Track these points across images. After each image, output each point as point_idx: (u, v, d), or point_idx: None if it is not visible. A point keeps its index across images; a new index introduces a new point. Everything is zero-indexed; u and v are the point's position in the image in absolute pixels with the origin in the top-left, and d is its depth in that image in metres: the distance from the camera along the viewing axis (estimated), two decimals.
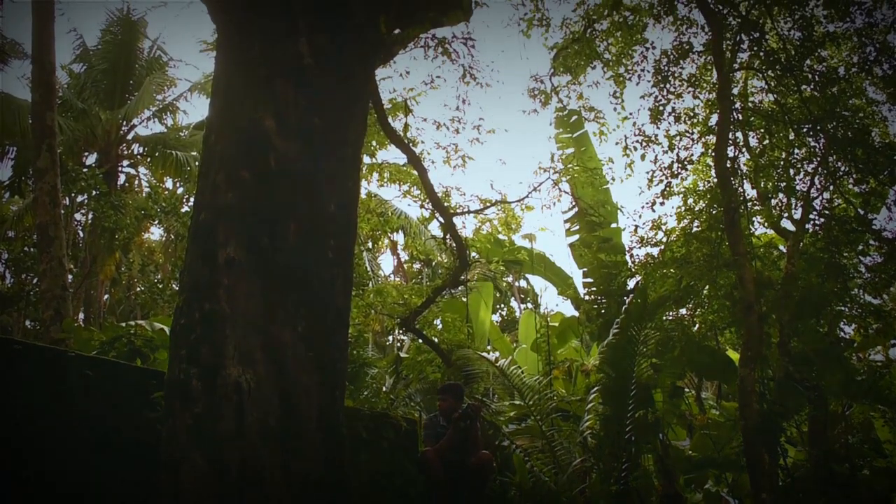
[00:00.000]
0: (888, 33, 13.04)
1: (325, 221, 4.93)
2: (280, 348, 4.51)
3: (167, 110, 26.73)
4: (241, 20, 5.31)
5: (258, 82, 5.06)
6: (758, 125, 13.63)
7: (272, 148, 4.85)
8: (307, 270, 4.75)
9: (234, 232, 4.67)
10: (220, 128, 5.17)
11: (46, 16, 16.16)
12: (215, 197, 4.89)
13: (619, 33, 13.39)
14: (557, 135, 18.37)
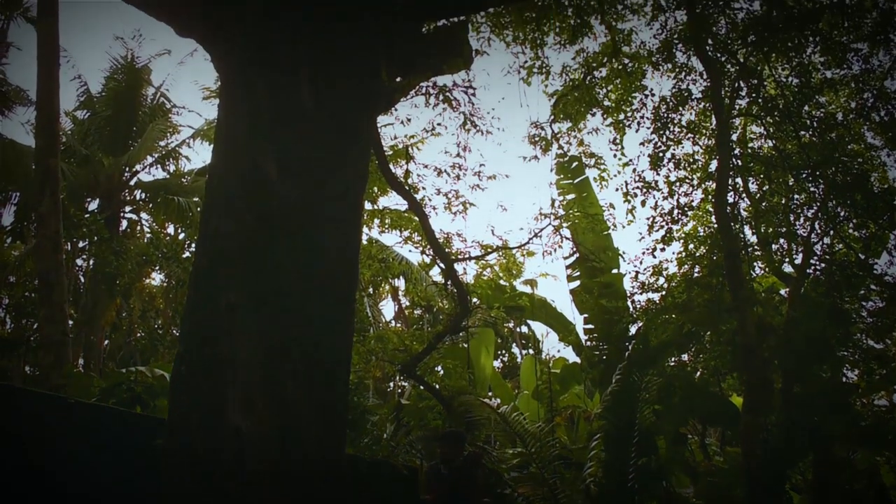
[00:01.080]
0: (885, 79, 13.16)
1: (327, 267, 4.94)
2: (281, 392, 4.49)
3: (170, 156, 26.89)
4: (245, 69, 5.36)
5: (261, 129, 5.10)
6: (757, 171, 13.69)
7: (274, 194, 4.88)
8: (308, 315, 4.75)
9: (235, 277, 4.68)
10: (222, 174, 5.21)
11: (51, 63, 16.32)
12: (217, 242, 4.91)
13: (619, 80, 13.50)
14: (558, 181, 18.44)
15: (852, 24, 12.51)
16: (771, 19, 12.00)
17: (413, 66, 6.94)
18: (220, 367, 4.47)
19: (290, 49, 5.31)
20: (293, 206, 4.91)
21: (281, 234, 4.83)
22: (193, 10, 5.68)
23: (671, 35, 12.85)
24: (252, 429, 4.33)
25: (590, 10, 12.30)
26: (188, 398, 4.52)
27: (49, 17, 16.64)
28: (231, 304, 4.60)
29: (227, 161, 5.23)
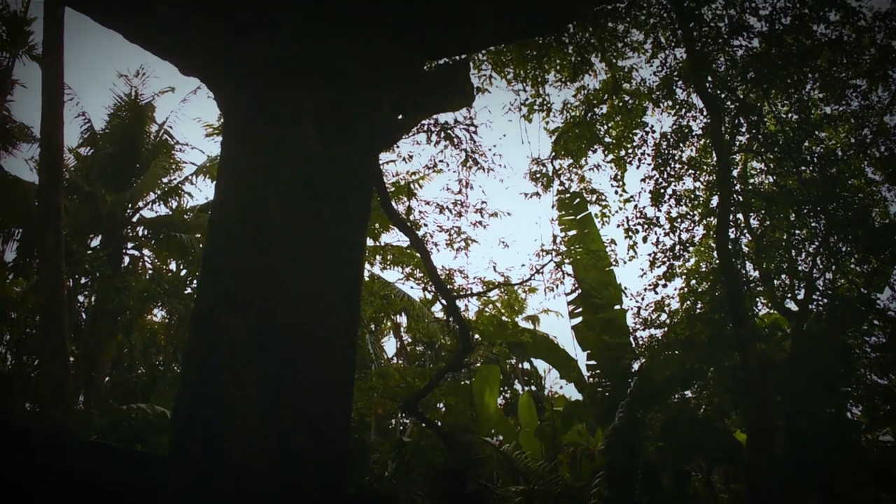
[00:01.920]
0: (885, 115, 13.23)
1: (329, 304, 4.94)
2: (282, 429, 4.47)
3: (172, 193, 26.98)
4: (247, 106, 5.40)
5: (263, 166, 5.13)
6: (758, 206, 13.71)
7: (276, 231, 4.89)
8: (310, 353, 4.74)
9: (236, 315, 4.68)
10: (224, 211, 5.22)
11: (56, 100, 16.46)
12: (219, 279, 4.92)
13: (619, 117, 13.56)
14: (560, 217, 18.46)
15: (851, 60, 12.61)
16: (770, 56, 12.09)
17: (415, 103, 6.98)
18: (222, 404, 4.46)
19: (292, 87, 5.35)
20: (295, 244, 4.91)
21: (283, 271, 4.83)
22: (198, 50, 5.73)
23: (671, 72, 12.93)
24: (253, 466, 4.31)
25: (590, 48, 12.40)
26: (189, 436, 4.50)
27: (54, 54, 16.80)
28: (232, 342, 4.60)
29: (229, 198, 5.25)
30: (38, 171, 16.87)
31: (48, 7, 17.05)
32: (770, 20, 12.13)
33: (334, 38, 5.52)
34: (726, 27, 12.23)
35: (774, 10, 12.08)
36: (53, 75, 16.58)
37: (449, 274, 13.57)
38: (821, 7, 12.02)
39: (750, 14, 12.21)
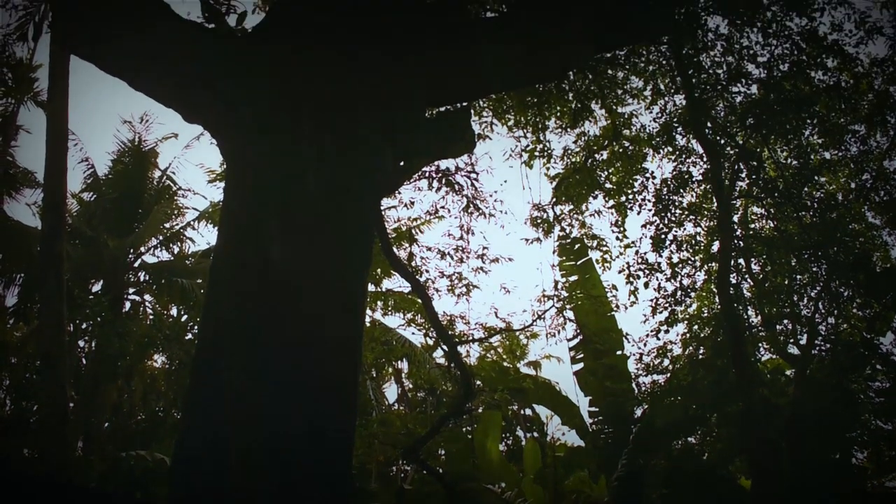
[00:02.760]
0: (884, 159, 13.29)
1: (330, 350, 4.93)
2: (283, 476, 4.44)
3: (174, 238, 27.01)
4: (250, 153, 5.43)
5: (265, 213, 5.14)
6: (759, 252, 13.72)
7: (278, 278, 4.89)
8: (311, 399, 4.72)
9: (237, 361, 4.67)
10: (226, 256, 5.24)
11: (60, 146, 16.54)
12: (220, 325, 4.92)
13: (620, 163, 13.63)
14: (561, 262, 18.47)
15: (849, 106, 12.71)
16: (768, 102, 12.19)
17: (417, 150, 7.02)
18: (222, 451, 4.43)
19: (295, 133, 5.39)
20: (297, 290, 4.92)
21: (284, 317, 4.83)
22: (201, 98, 5.79)
23: (671, 118, 13.03)
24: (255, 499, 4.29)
25: (590, 95, 12.51)
26: (189, 482, 4.47)
27: (59, 101, 16.93)
28: (233, 389, 4.58)
29: (231, 244, 5.26)
30: (41, 216, 16.93)
31: (54, 54, 17.22)
32: (768, 67, 12.25)
33: (337, 85, 5.57)
34: (725, 74, 12.34)
35: (772, 57, 12.21)
36: (58, 121, 16.69)
37: (450, 319, 13.57)
38: (818, 54, 12.14)
39: (748, 61, 12.33)
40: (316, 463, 4.62)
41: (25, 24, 19.58)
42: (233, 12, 11.82)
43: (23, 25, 19.48)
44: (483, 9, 10.52)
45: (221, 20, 9.92)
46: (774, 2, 12.02)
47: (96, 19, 5.79)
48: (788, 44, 12.11)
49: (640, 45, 11.89)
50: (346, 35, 5.75)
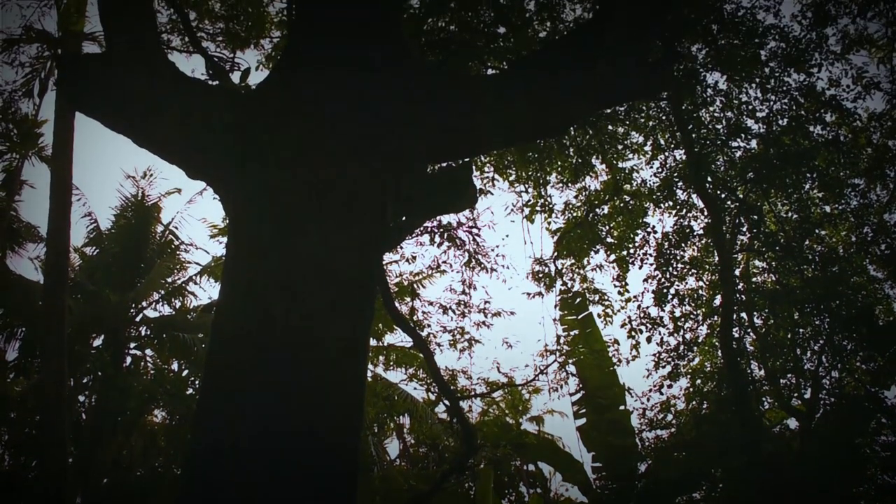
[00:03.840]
0: (884, 213, 13.34)
1: (332, 407, 4.90)
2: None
3: (176, 293, 27.01)
4: (252, 208, 5.46)
5: (268, 268, 5.15)
6: (761, 305, 13.72)
7: (280, 335, 4.88)
8: (312, 456, 4.68)
9: (238, 417, 4.64)
10: (228, 312, 5.23)
11: (63, 201, 16.68)
12: (221, 381, 4.89)
13: (621, 218, 13.69)
14: (562, 316, 18.44)
15: (848, 160, 12.80)
16: (768, 157, 12.28)
17: (418, 205, 7.05)
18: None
19: (296, 190, 5.41)
20: (299, 346, 4.90)
21: (286, 373, 4.81)
22: (204, 156, 5.83)
23: (671, 173, 13.12)
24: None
25: (591, 150, 12.61)
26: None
27: (63, 157, 17.11)
28: (234, 446, 4.54)
29: (233, 299, 5.26)
30: (44, 271, 16.99)
31: (59, 110, 17.44)
32: (767, 122, 12.39)
33: (339, 141, 5.61)
34: (724, 129, 12.46)
35: (771, 112, 12.35)
36: (62, 177, 16.84)
37: (452, 375, 13.54)
38: (817, 109, 12.28)
39: (747, 116, 12.47)
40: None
41: (31, 80, 19.88)
42: (236, 70, 12.02)
43: (29, 82, 19.78)
44: (484, 66, 10.67)
45: (225, 77, 10.06)
46: (772, 58, 12.19)
47: (101, 78, 5.86)
48: (787, 99, 12.26)
49: (639, 101, 12.03)
50: (348, 93, 5.82)
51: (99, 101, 5.91)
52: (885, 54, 13.27)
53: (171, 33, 12.90)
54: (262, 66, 12.51)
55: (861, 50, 13.15)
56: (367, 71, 5.92)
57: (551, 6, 11.38)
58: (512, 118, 5.98)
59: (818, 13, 12.46)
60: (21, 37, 17.49)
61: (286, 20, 11.48)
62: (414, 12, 10.83)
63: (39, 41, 18.70)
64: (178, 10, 11.54)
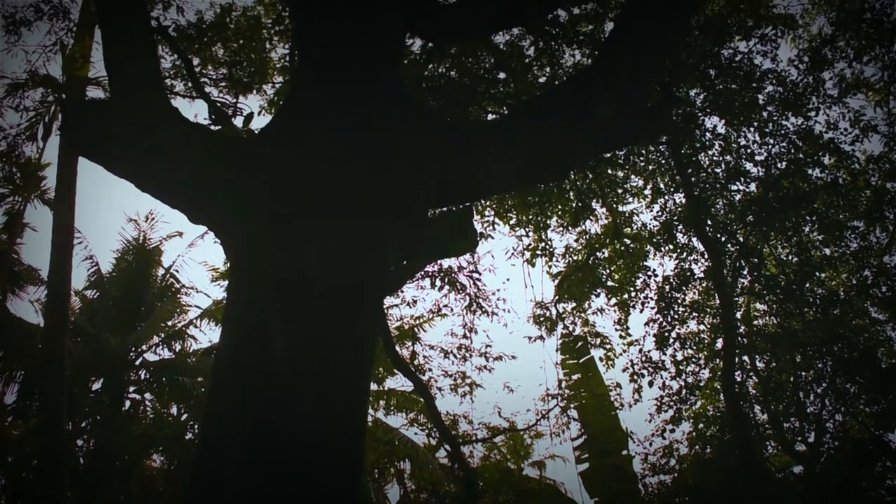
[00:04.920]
0: (884, 255, 13.35)
1: (333, 451, 4.87)
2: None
3: (176, 336, 26.94)
4: (253, 251, 5.47)
5: (269, 313, 5.15)
6: (763, 349, 13.68)
7: (280, 381, 4.87)
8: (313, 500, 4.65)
9: (239, 466, 4.61)
10: (229, 355, 5.22)
11: (65, 245, 16.70)
12: (221, 426, 4.87)
13: (621, 261, 13.71)
14: (563, 360, 18.37)
15: (847, 202, 12.84)
16: (767, 200, 12.32)
17: (419, 249, 7.06)
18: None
19: (298, 234, 5.43)
20: (300, 391, 4.89)
21: (286, 416, 4.79)
22: (206, 200, 5.86)
23: (671, 216, 13.16)
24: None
25: (591, 194, 12.67)
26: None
27: (66, 201, 17.17)
28: (234, 493, 4.51)
29: (233, 343, 5.25)
30: (44, 314, 16.98)
31: (62, 154, 17.54)
32: (766, 165, 12.44)
33: (340, 184, 5.64)
34: (724, 172, 12.52)
35: (770, 155, 12.42)
36: (64, 220, 16.89)
37: (453, 419, 13.47)
38: (815, 152, 12.34)
39: (746, 160, 12.54)
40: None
41: (36, 124, 20.05)
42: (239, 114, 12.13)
43: (33, 126, 19.96)
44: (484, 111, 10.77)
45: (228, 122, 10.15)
46: (770, 102, 12.29)
47: (104, 123, 5.90)
48: (785, 142, 12.34)
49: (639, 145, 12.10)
50: (350, 137, 5.86)
51: (102, 146, 5.95)
52: (882, 97, 13.38)
53: (175, 78, 13.03)
54: (265, 110, 12.62)
55: (858, 93, 13.27)
56: (367, 118, 5.97)
57: (551, 52, 11.50)
58: (512, 164, 6.01)
59: (815, 58, 12.60)
60: (26, 81, 17.65)
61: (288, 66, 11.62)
62: (415, 57, 10.95)
63: (44, 86, 18.88)
64: (182, 56, 11.67)
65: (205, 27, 12.65)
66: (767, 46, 12.13)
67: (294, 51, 10.91)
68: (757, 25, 12.37)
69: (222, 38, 12.87)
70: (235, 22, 13.14)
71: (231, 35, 12.94)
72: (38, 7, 13.51)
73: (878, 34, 12.81)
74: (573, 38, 11.67)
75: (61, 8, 13.68)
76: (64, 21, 13.88)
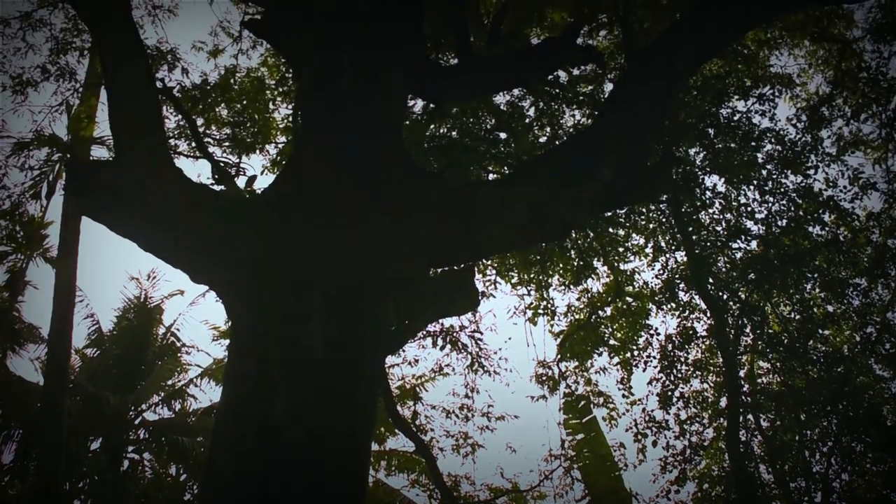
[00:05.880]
0: (887, 312, 13.31)
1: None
2: None
3: (176, 396, 26.79)
4: (254, 313, 5.47)
5: (270, 373, 5.13)
6: (767, 407, 13.57)
7: (281, 439, 4.83)
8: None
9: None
10: (229, 417, 5.19)
11: (67, 304, 16.72)
12: (221, 488, 4.83)
13: (623, 319, 13.69)
14: (566, 420, 18.22)
15: (848, 259, 12.85)
16: (768, 258, 12.34)
17: (421, 309, 7.06)
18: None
19: (300, 295, 5.43)
20: (300, 451, 4.85)
21: (287, 478, 4.75)
22: (209, 260, 5.87)
23: (672, 275, 13.16)
24: None
25: (592, 252, 12.69)
26: None
27: (68, 259, 17.23)
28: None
29: (234, 404, 5.23)
30: (44, 372, 16.91)
31: (66, 213, 17.65)
32: (766, 223, 12.48)
33: (342, 246, 5.66)
34: (724, 231, 12.55)
35: (770, 213, 12.46)
36: (66, 279, 16.93)
37: (455, 480, 13.33)
38: (815, 209, 12.39)
39: (746, 218, 12.58)
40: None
41: (40, 182, 20.18)
42: (243, 174, 12.23)
43: (37, 184, 20.08)
44: (485, 171, 10.85)
45: (231, 182, 10.23)
46: (769, 160, 12.38)
47: (108, 184, 5.94)
48: (785, 200, 12.39)
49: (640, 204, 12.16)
50: (351, 198, 5.89)
51: (105, 206, 5.98)
52: (880, 155, 13.49)
53: (179, 138, 13.15)
54: (268, 170, 12.72)
55: (856, 151, 13.38)
56: (369, 180, 6.01)
57: (551, 112, 11.63)
58: (513, 224, 6.04)
59: (812, 116, 12.73)
60: (32, 140, 17.81)
61: (291, 126, 11.75)
62: (416, 118, 11.07)
63: (49, 145, 19.05)
64: (187, 117, 11.81)
65: (209, 88, 12.82)
66: (765, 105, 12.26)
67: (297, 111, 11.05)
68: (755, 85, 12.52)
69: (226, 98, 13.04)
70: (239, 83, 13.32)
71: (235, 96, 13.10)
72: (45, 68, 13.73)
73: (874, 93, 12.96)
74: (573, 99, 11.81)
75: (68, 69, 13.90)
76: (70, 82, 14.09)
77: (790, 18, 12.32)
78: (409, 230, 5.96)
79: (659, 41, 7.38)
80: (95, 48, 13.32)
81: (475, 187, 7.86)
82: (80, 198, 6.02)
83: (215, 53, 14.10)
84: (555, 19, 11.46)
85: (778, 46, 13.37)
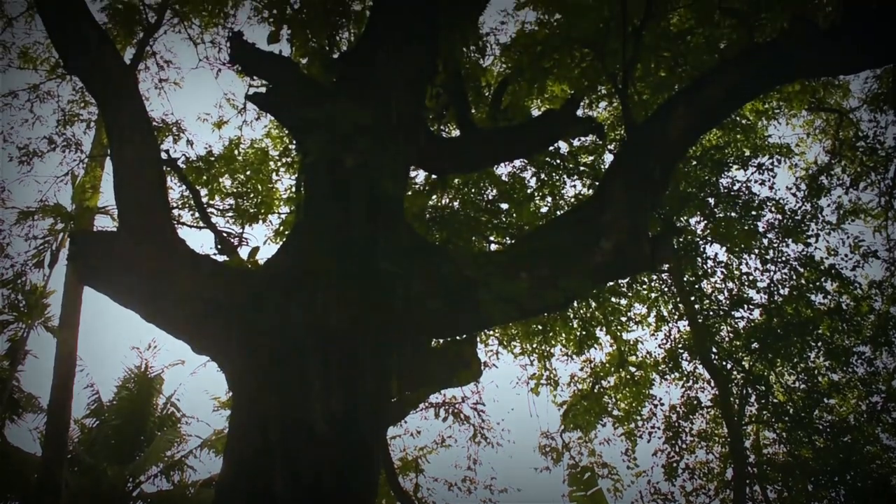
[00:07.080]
0: (892, 380, 13.22)
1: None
2: None
3: (175, 467, 26.49)
4: (253, 385, 5.46)
5: (271, 445, 5.11)
6: (774, 478, 13.39)
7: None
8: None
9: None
10: (230, 489, 5.15)
11: (67, 374, 16.66)
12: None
13: (627, 389, 13.61)
14: (571, 492, 17.97)
15: (852, 327, 12.81)
16: (771, 327, 12.30)
17: (422, 379, 7.03)
18: None
19: (301, 366, 5.42)
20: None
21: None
22: (210, 332, 5.87)
23: (675, 344, 13.11)
24: None
25: (595, 322, 12.67)
26: None
27: (70, 328, 17.23)
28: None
29: (235, 476, 5.18)
30: (42, 443, 16.76)
31: (68, 283, 17.69)
32: (769, 292, 12.47)
33: (342, 316, 5.66)
34: (727, 300, 12.54)
35: (772, 282, 12.46)
36: (67, 349, 16.91)
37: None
38: (817, 278, 12.40)
39: (749, 286, 12.58)
40: None
41: (43, 251, 20.26)
42: (245, 244, 12.27)
43: (40, 253, 20.15)
44: (486, 241, 10.89)
45: (234, 253, 10.25)
46: (770, 229, 12.43)
47: (111, 255, 5.97)
48: (787, 269, 12.40)
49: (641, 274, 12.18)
50: (350, 267, 5.91)
51: (108, 277, 6.00)
52: (880, 223, 13.55)
53: (182, 209, 13.24)
54: (271, 240, 12.78)
55: (856, 219, 13.44)
56: (371, 253, 6.04)
57: (552, 183, 11.73)
58: (515, 296, 6.03)
59: (812, 185, 12.82)
60: (36, 210, 17.93)
61: (294, 197, 11.82)
62: (418, 189, 11.16)
63: (53, 214, 19.16)
64: (190, 187, 11.89)
65: (213, 159, 12.94)
66: (765, 175, 12.35)
67: (300, 182, 11.14)
68: (754, 154, 12.64)
69: (230, 169, 13.16)
70: (243, 154, 13.47)
71: (239, 166, 13.23)
72: (52, 139, 13.89)
73: (872, 161, 13.07)
74: (574, 169, 11.92)
75: (74, 140, 14.07)
76: (76, 152, 14.24)
77: (787, 89, 12.50)
78: (409, 306, 5.96)
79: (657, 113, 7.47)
80: (102, 120, 13.51)
81: (477, 259, 7.86)
82: (83, 267, 6.04)
83: (220, 125, 14.29)
84: (555, 91, 11.63)
85: (776, 117, 13.54)
